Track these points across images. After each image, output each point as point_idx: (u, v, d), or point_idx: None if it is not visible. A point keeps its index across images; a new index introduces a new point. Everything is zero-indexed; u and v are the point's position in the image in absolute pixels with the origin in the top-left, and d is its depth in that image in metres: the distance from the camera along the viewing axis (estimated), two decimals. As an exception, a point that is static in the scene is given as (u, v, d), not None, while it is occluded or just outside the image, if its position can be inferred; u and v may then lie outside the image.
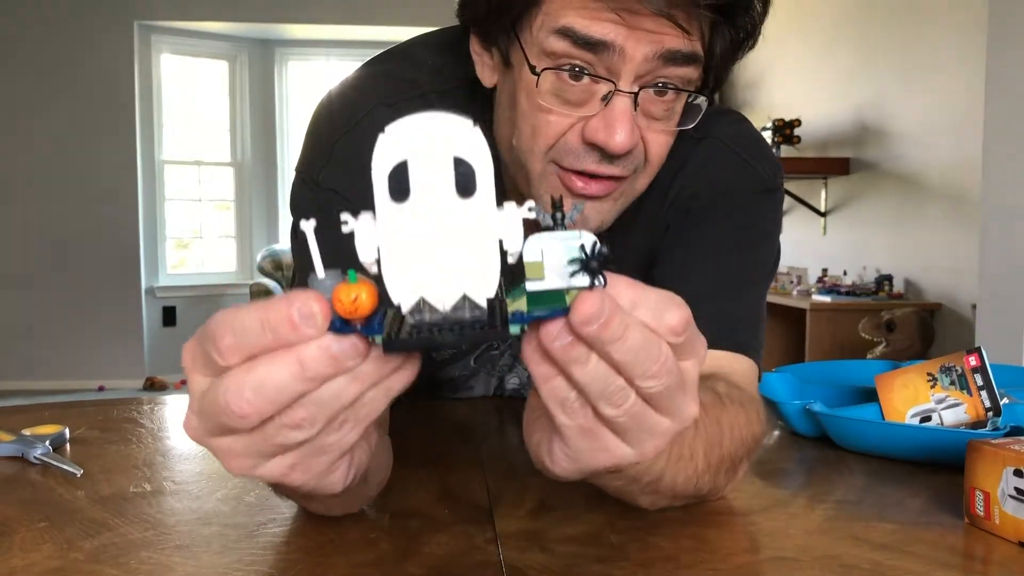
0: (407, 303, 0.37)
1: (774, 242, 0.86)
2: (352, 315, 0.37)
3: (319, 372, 0.37)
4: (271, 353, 0.37)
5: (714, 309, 0.78)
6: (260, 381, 0.37)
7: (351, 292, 0.36)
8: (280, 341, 0.37)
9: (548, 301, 0.38)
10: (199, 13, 5.93)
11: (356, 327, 0.37)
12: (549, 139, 0.70)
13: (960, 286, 3.07)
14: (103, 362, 5.93)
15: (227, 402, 0.38)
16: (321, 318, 0.37)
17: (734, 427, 0.64)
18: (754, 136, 0.86)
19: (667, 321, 0.40)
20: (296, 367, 0.37)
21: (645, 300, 0.40)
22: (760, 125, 4.18)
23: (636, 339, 0.38)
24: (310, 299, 0.37)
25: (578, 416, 0.41)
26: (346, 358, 0.37)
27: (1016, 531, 0.60)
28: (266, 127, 6.41)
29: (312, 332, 0.37)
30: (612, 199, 0.73)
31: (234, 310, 0.38)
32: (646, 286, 0.40)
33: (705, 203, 0.82)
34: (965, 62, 3.02)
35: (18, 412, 1.05)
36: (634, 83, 0.67)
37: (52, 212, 5.81)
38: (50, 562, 0.56)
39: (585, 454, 0.43)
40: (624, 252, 0.86)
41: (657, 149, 0.72)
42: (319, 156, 0.79)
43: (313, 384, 0.38)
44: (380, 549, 0.58)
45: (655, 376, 0.39)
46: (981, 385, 0.86)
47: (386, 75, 0.82)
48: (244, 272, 6.42)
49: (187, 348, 0.41)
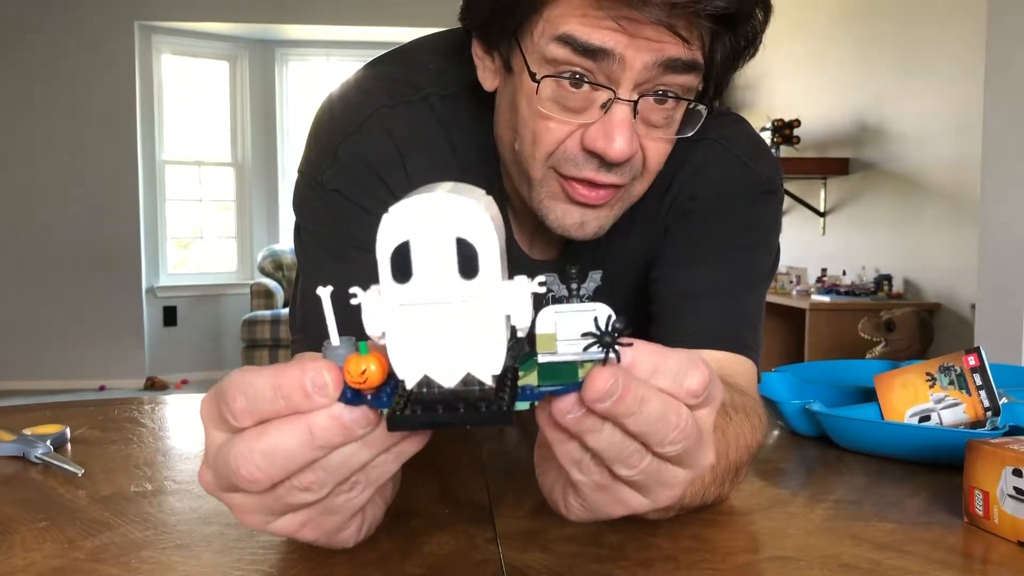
0: (411, 379, 0.37)
1: (773, 243, 0.86)
2: (361, 387, 0.37)
3: (329, 441, 0.38)
4: (283, 419, 0.38)
5: (713, 309, 0.78)
6: (271, 447, 0.38)
7: (360, 364, 0.37)
8: (292, 408, 0.37)
9: (561, 375, 0.37)
10: (199, 13, 5.94)
11: (366, 398, 0.37)
12: (549, 146, 0.70)
13: (959, 286, 3.07)
14: (104, 362, 5.93)
15: (237, 466, 0.38)
16: (332, 388, 0.37)
17: (739, 437, 0.65)
18: (753, 137, 0.86)
19: (688, 386, 0.39)
20: (307, 435, 0.37)
21: (666, 367, 0.39)
22: (759, 125, 4.18)
23: (653, 411, 0.38)
24: (322, 369, 0.37)
25: (593, 474, 0.41)
26: (356, 427, 0.38)
27: (1015, 530, 0.60)
28: (266, 127, 6.41)
29: (324, 401, 0.37)
30: (610, 206, 0.74)
31: (249, 372, 0.39)
32: (668, 350, 0.39)
33: (704, 205, 0.82)
34: (965, 62, 3.02)
35: (19, 412, 1.05)
36: (633, 91, 0.67)
37: (53, 212, 5.81)
38: (51, 561, 0.56)
39: (600, 506, 0.43)
40: (623, 255, 0.86)
41: (655, 156, 0.72)
42: (323, 157, 0.79)
43: (323, 452, 0.38)
44: (381, 548, 0.58)
45: (673, 443, 0.39)
46: (980, 385, 0.86)
47: (388, 77, 0.82)
48: (245, 272, 6.42)
49: (204, 401, 0.41)
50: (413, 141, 0.80)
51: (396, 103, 0.79)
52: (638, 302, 0.87)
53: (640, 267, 0.86)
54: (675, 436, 0.39)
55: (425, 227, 0.35)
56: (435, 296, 0.35)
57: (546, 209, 0.74)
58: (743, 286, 0.81)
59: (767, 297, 3.36)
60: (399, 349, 0.36)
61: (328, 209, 0.79)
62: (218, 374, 6.29)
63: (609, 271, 0.87)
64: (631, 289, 0.87)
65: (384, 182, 0.79)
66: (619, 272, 0.87)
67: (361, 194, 0.78)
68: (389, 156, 0.79)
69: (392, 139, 0.79)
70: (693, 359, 0.40)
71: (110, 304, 5.92)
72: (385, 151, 0.79)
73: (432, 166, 0.81)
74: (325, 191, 0.79)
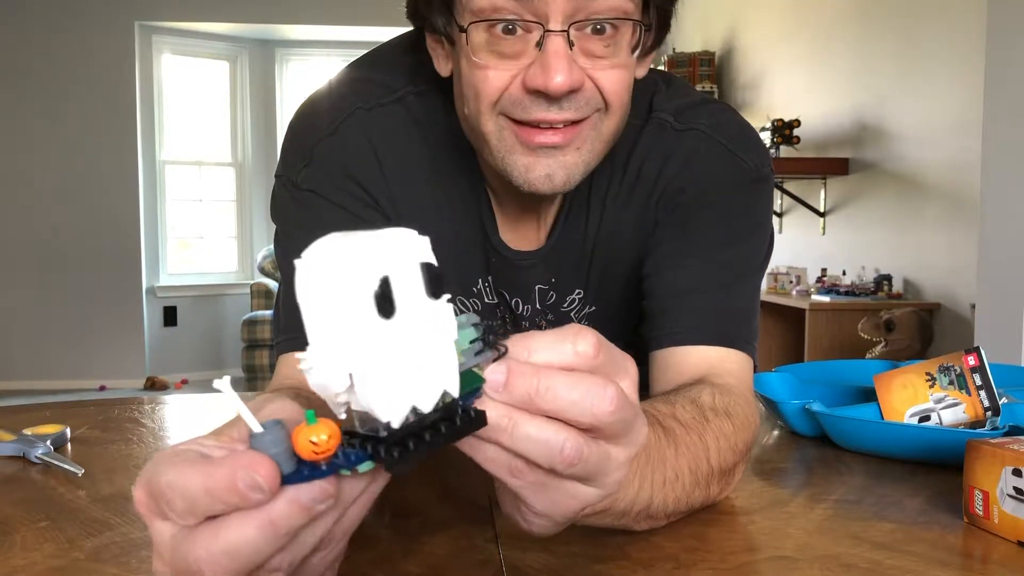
0: (397, 417, 0.35)
1: (764, 232, 0.85)
2: (320, 457, 0.35)
3: (292, 525, 0.35)
4: (240, 514, 0.35)
5: (704, 304, 0.78)
6: (233, 547, 0.35)
7: (314, 434, 0.35)
8: (232, 508, 0.35)
9: (467, 382, 0.38)
10: (200, 14, 5.94)
11: (322, 468, 0.35)
12: (492, 94, 0.70)
13: (959, 286, 3.07)
14: (104, 362, 5.93)
15: (203, 568, 0.35)
16: (267, 484, 0.34)
17: (719, 439, 0.64)
18: (740, 125, 0.85)
19: (579, 350, 0.39)
20: (269, 528, 0.35)
21: (539, 343, 0.39)
22: (760, 125, 4.18)
23: (563, 384, 0.38)
24: (251, 467, 0.34)
25: (527, 475, 0.40)
26: (317, 505, 0.36)
27: (1015, 530, 0.60)
28: (267, 127, 6.41)
29: (263, 498, 0.34)
30: (575, 148, 0.72)
31: (178, 471, 0.36)
32: (538, 333, 0.40)
33: (692, 197, 0.81)
34: (964, 62, 3.02)
35: (19, 412, 1.05)
36: (564, 22, 0.67)
37: (53, 212, 5.81)
38: (51, 561, 0.56)
39: (552, 507, 0.42)
40: (613, 249, 0.86)
41: (611, 86, 0.71)
42: (299, 158, 0.80)
43: (289, 538, 0.36)
44: (380, 548, 0.58)
45: (611, 415, 0.39)
46: (980, 385, 0.86)
47: (363, 80, 0.83)
48: (245, 272, 6.43)
49: (137, 493, 0.38)
50: (389, 143, 0.80)
51: (371, 106, 0.80)
52: (630, 298, 0.87)
53: (632, 262, 0.85)
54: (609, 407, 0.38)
55: (392, 261, 0.34)
56: (401, 331, 0.34)
57: (509, 166, 0.73)
58: (735, 279, 0.81)
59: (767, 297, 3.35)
60: (378, 391, 0.34)
61: (304, 209, 0.80)
62: (218, 374, 6.27)
63: (599, 265, 0.87)
64: (622, 285, 0.87)
65: (359, 183, 0.80)
66: (609, 267, 0.87)
67: (337, 193, 0.79)
68: (365, 158, 0.80)
69: (368, 141, 0.80)
70: (570, 328, 0.40)
71: (110, 304, 5.92)
72: (361, 153, 0.80)
73: (408, 167, 0.81)
74: (300, 192, 0.80)
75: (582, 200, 0.84)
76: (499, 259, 0.86)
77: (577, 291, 0.89)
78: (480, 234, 0.85)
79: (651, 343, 0.80)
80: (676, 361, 0.77)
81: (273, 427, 0.36)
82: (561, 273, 0.88)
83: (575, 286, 0.89)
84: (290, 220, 0.82)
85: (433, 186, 0.83)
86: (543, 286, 0.89)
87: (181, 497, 0.35)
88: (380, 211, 0.81)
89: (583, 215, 0.84)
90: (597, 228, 0.85)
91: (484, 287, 0.89)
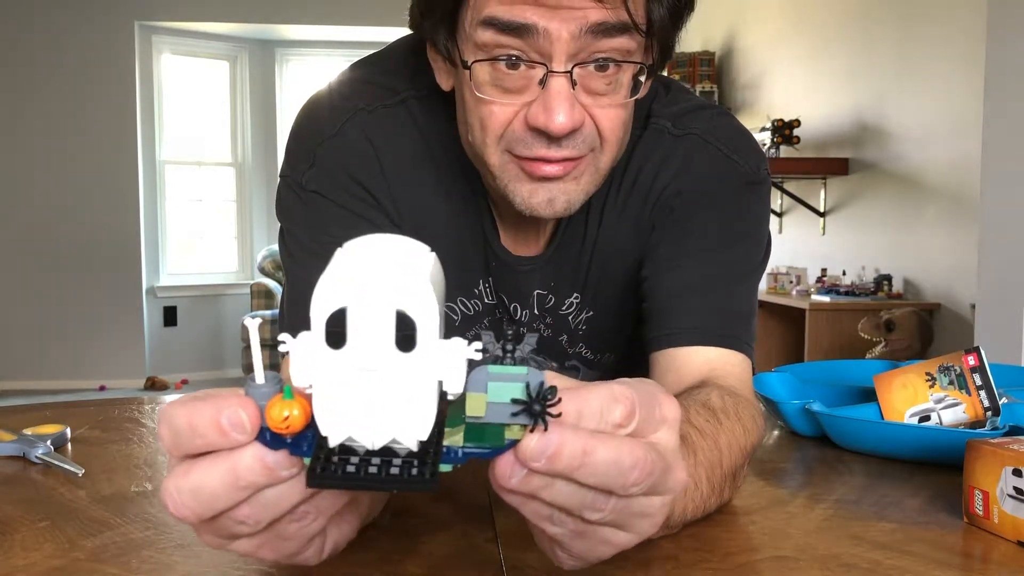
0: (335, 438, 0.35)
1: (761, 235, 0.85)
2: (282, 432, 0.36)
3: (254, 482, 0.37)
4: (209, 457, 0.37)
5: (704, 305, 0.78)
6: (196, 486, 0.37)
7: (283, 409, 0.35)
8: (209, 446, 0.37)
9: (486, 437, 0.36)
10: (200, 14, 5.94)
11: (286, 442, 0.36)
12: (496, 129, 0.70)
13: (959, 286, 3.07)
14: (104, 362, 5.93)
15: (165, 503, 0.38)
16: (249, 426, 0.36)
17: (732, 443, 0.64)
18: (736, 129, 0.85)
19: (612, 420, 0.38)
20: (231, 475, 0.37)
21: (589, 408, 0.38)
22: (760, 125, 4.18)
23: (602, 458, 0.37)
24: (238, 407, 0.36)
25: (567, 524, 0.40)
26: (280, 469, 0.37)
27: (1015, 530, 0.60)
28: (266, 127, 6.41)
29: (241, 439, 0.36)
30: (574, 179, 0.73)
31: (175, 404, 0.38)
32: (587, 390, 0.38)
33: (689, 201, 0.82)
34: (964, 62, 3.02)
35: (19, 412, 1.05)
36: (568, 62, 0.67)
37: (53, 212, 5.81)
38: (51, 561, 0.56)
39: (587, 552, 0.43)
40: (611, 254, 0.86)
41: (608, 124, 0.71)
42: (303, 160, 0.81)
43: (248, 492, 0.37)
44: (380, 548, 0.58)
45: (637, 482, 0.38)
46: (980, 385, 0.86)
47: (366, 81, 0.83)
48: (245, 272, 6.42)
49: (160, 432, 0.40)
50: (391, 144, 0.81)
51: (374, 107, 0.81)
52: (627, 301, 0.87)
53: (629, 266, 0.86)
54: (637, 476, 0.38)
55: (363, 297, 0.34)
56: (370, 365, 0.34)
57: (512, 193, 0.73)
58: (733, 280, 0.81)
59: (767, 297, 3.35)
60: (325, 407, 0.35)
61: (309, 210, 0.80)
62: (218, 374, 6.29)
63: (597, 270, 0.87)
64: (620, 289, 0.87)
65: (362, 184, 0.80)
66: (607, 272, 0.87)
67: (341, 195, 0.79)
68: (367, 159, 0.80)
69: (370, 142, 0.80)
70: (613, 391, 0.38)
71: (110, 304, 5.92)
72: (363, 154, 0.80)
73: (409, 168, 0.82)
74: (305, 192, 0.80)
75: (582, 208, 0.84)
76: (499, 263, 0.87)
77: (575, 295, 0.89)
78: (480, 238, 0.85)
79: (651, 344, 0.80)
80: (677, 362, 0.77)
81: (272, 381, 0.37)
82: (560, 278, 0.88)
83: (573, 290, 0.89)
84: (296, 220, 0.82)
85: (434, 189, 0.83)
86: (542, 291, 0.89)
87: (169, 429, 0.37)
88: (384, 211, 0.81)
89: (583, 222, 0.85)
90: (596, 234, 0.85)
91: (485, 288, 0.89)
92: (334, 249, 0.37)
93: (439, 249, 0.37)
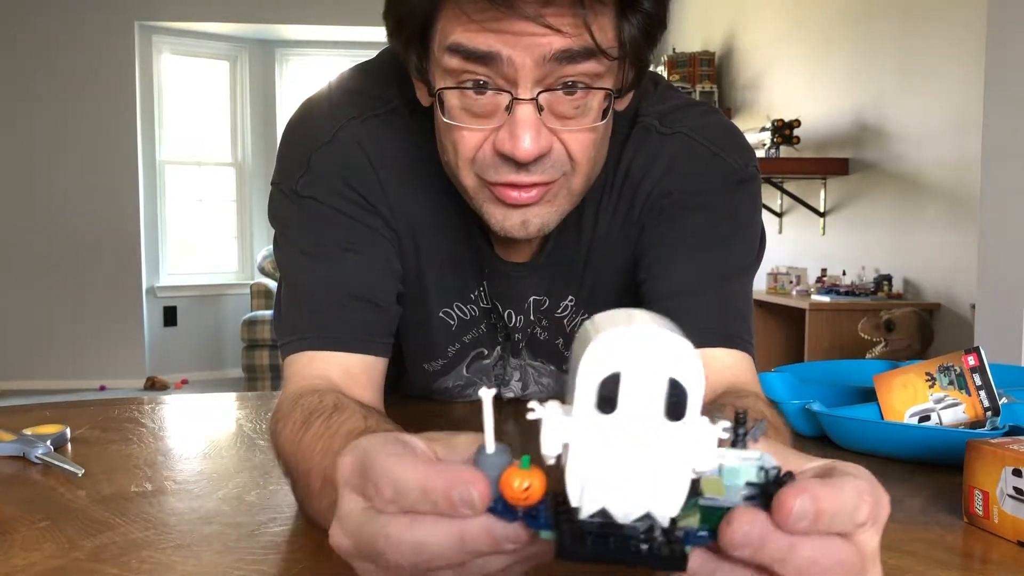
0: (587, 509, 0.35)
1: (753, 232, 0.85)
2: (519, 503, 0.36)
3: (477, 549, 0.37)
4: (434, 518, 0.37)
5: (701, 306, 0.78)
6: (421, 542, 0.38)
7: (523, 480, 0.35)
8: (438, 512, 0.37)
9: (716, 520, 0.36)
10: (199, 14, 5.94)
11: (518, 514, 0.36)
12: (467, 154, 0.71)
13: (959, 286, 3.07)
14: (104, 362, 5.93)
15: (385, 550, 0.38)
16: (479, 504, 0.36)
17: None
18: (723, 126, 0.85)
19: (858, 521, 0.38)
20: (457, 539, 0.37)
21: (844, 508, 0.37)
22: (760, 125, 4.18)
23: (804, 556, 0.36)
24: (470, 485, 0.36)
25: None
26: (506, 542, 0.37)
27: (1015, 530, 0.60)
28: (266, 127, 6.41)
29: (469, 514, 0.37)
30: (547, 202, 0.73)
31: (398, 463, 0.38)
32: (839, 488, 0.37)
33: (678, 200, 0.81)
34: (964, 62, 3.02)
35: (19, 412, 1.05)
36: (534, 87, 0.66)
37: (53, 212, 5.81)
38: (51, 561, 0.56)
39: None
40: (604, 257, 0.86)
41: (578, 147, 0.71)
42: (297, 167, 0.80)
43: (469, 557, 0.38)
44: (380, 548, 0.58)
45: None
46: (980, 385, 0.86)
47: (357, 91, 0.83)
48: (245, 272, 6.43)
49: (344, 466, 0.41)
50: (384, 153, 0.81)
51: (365, 116, 0.81)
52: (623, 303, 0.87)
53: (623, 266, 0.85)
54: None
55: (638, 362, 0.34)
56: (638, 434, 0.34)
57: (487, 215, 0.74)
58: (728, 278, 0.81)
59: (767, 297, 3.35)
60: (581, 474, 0.35)
61: (305, 214, 0.80)
62: (218, 374, 6.29)
63: (591, 273, 0.87)
64: (614, 290, 0.87)
65: (357, 190, 0.80)
66: (601, 274, 0.87)
67: (337, 199, 0.79)
68: (361, 166, 0.80)
69: (363, 151, 0.80)
70: (860, 490, 0.38)
71: (110, 304, 5.92)
72: (357, 161, 0.80)
73: (402, 175, 0.81)
74: (300, 198, 0.80)
75: (575, 212, 0.84)
76: (492, 270, 0.87)
77: (570, 297, 0.89)
78: (474, 245, 0.85)
79: None
80: None
81: (502, 452, 0.37)
82: (554, 282, 0.88)
83: (568, 293, 0.89)
84: (291, 223, 0.82)
85: (427, 195, 0.83)
86: (537, 296, 0.89)
87: (392, 486, 0.38)
88: (380, 216, 0.81)
89: (575, 226, 0.84)
90: (590, 238, 0.85)
91: (480, 293, 0.89)
92: (336, 252, 0.37)
93: (434, 255, 0.37)
